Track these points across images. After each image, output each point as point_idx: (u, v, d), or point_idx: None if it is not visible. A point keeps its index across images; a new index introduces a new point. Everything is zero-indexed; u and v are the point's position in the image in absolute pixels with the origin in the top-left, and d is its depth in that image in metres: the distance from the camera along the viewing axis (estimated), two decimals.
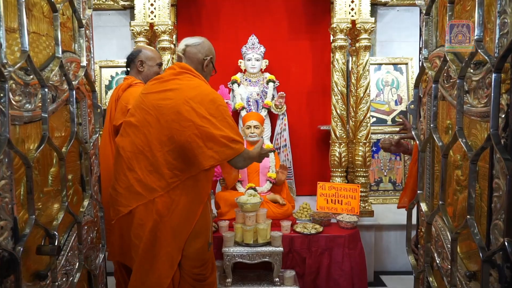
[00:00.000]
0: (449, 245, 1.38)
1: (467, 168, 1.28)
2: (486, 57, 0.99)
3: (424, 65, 1.40)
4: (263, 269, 2.72)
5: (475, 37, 1.04)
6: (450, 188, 1.38)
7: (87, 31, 1.60)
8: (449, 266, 1.37)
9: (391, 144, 2.19)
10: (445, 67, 1.32)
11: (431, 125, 1.31)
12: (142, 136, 1.74)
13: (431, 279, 1.38)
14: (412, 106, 1.50)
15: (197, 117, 1.66)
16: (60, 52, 1.27)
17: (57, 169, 1.35)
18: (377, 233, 3.26)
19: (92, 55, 1.65)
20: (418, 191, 1.45)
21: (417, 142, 1.47)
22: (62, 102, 1.39)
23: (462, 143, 1.11)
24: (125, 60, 3.86)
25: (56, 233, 1.21)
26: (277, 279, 2.53)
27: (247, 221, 2.50)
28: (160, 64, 2.44)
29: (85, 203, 1.48)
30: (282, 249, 2.50)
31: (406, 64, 4.01)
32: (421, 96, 1.61)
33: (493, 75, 0.95)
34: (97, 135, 1.60)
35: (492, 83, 0.96)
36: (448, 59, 1.21)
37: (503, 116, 0.98)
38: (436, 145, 1.56)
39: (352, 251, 2.77)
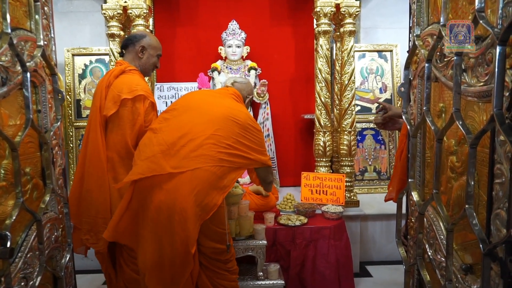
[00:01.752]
0: (442, 236, 1.30)
1: (462, 154, 1.19)
2: (489, 28, 0.89)
3: (416, 43, 1.30)
4: (246, 263, 2.62)
5: (476, 7, 0.93)
6: (444, 176, 1.29)
7: (45, 8, 1.43)
8: (442, 258, 1.29)
9: (383, 120, 2.08)
10: (439, 45, 1.22)
11: (424, 108, 1.21)
12: (186, 119, 1.86)
13: (423, 272, 1.29)
14: (402, 88, 1.41)
15: (244, 130, 1.87)
16: (9, 28, 1.11)
17: (10, 161, 1.20)
18: (362, 223, 3.20)
19: (52, 35, 1.49)
20: (409, 180, 1.36)
21: (408, 127, 1.38)
22: (16, 86, 1.23)
23: (459, 126, 1.01)
24: (98, 47, 3.78)
25: (8, 234, 1.07)
26: (261, 273, 2.43)
27: (229, 214, 2.37)
28: (159, 56, 2.24)
29: (46, 198, 1.33)
30: (265, 242, 2.39)
31: (391, 51, 3.94)
32: (411, 78, 1.52)
33: (498, 48, 0.85)
34: (58, 124, 1.44)
35: (497, 57, 0.86)
36: (443, 34, 1.11)
37: (507, 94, 0.88)
38: (427, 130, 1.47)
39: (338, 242, 2.70)
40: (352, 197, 3.06)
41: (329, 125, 3.09)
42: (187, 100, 2.04)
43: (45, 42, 1.39)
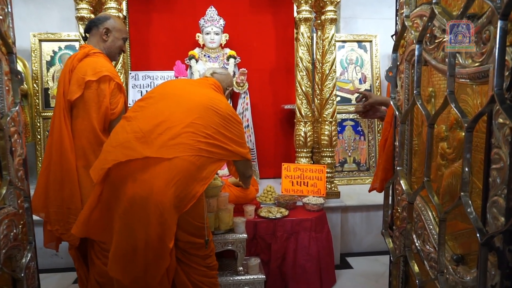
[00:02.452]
0: (431, 226, 1.25)
1: (454, 140, 1.14)
2: (489, 2, 0.82)
3: (406, 24, 1.23)
4: (225, 258, 2.53)
5: None
6: (433, 163, 1.24)
7: None
8: (431, 249, 1.24)
9: (364, 108, 2.03)
10: (429, 26, 1.16)
11: (415, 92, 1.15)
12: (163, 107, 1.75)
13: (412, 263, 1.24)
14: (391, 73, 1.34)
15: (224, 120, 1.78)
16: None
17: None
18: (343, 214, 3.16)
19: (9, 10, 1.33)
20: (398, 168, 1.30)
21: (396, 113, 1.32)
22: None
23: (454, 109, 0.95)
24: (67, 32, 3.56)
25: None
26: (241, 267, 2.35)
27: (208, 206, 2.28)
28: (125, 39, 2.15)
29: (2, 191, 1.19)
30: (245, 235, 2.31)
31: (370, 41, 3.91)
32: (398, 63, 1.46)
33: (499, 22, 0.79)
34: (17, 108, 1.30)
35: (498, 33, 0.80)
36: (436, 12, 1.04)
37: (507, 73, 0.82)
38: (414, 116, 1.41)
39: (319, 234, 2.65)
40: (333, 188, 3.02)
41: (310, 115, 3.03)
42: (165, 88, 1.93)
43: (1, 17, 1.24)
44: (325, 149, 3.04)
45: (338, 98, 3.69)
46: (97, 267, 1.88)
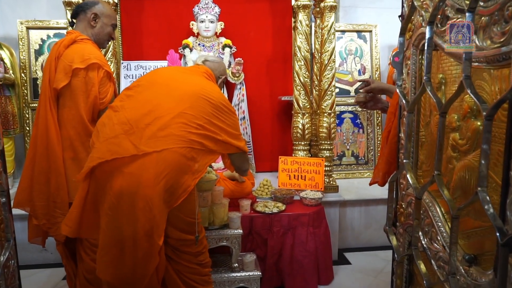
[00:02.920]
0: (439, 223, 1.16)
1: (468, 130, 1.05)
2: None
3: (415, 3, 1.14)
4: (220, 254, 2.45)
5: None
6: (443, 156, 1.15)
7: None
8: (439, 248, 1.16)
9: (365, 98, 1.93)
10: (441, 6, 1.06)
11: (425, 78, 1.05)
12: (151, 95, 1.66)
13: (419, 263, 1.16)
14: (397, 58, 1.24)
15: (217, 110, 1.68)
16: None
17: None
18: (341, 209, 3.09)
19: None
20: (404, 160, 1.21)
21: (403, 101, 1.22)
22: None
23: (471, 95, 0.86)
24: (56, 20, 3.43)
25: None
26: (236, 264, 2.27)
27: (202, 201, 2.19)
28: (115, 26, 2.06)
29: None
30: (241, 231, 2.23)
31: (370, 31, 3.80)
32: (405, 48, 1.36)
33: None
34: None
35: None
36: None
37: None
38: (422, 106, 1.32)
39: (317, 229, 2.57)
40: (331, 182, 2.94)
41: (308, 106, 2.93)
42: (153, 76, 1.82)
43: None
44: (323, 142, 2.95)
45: (337, 90, 3.59)
46: (86, 263, 1.80)
